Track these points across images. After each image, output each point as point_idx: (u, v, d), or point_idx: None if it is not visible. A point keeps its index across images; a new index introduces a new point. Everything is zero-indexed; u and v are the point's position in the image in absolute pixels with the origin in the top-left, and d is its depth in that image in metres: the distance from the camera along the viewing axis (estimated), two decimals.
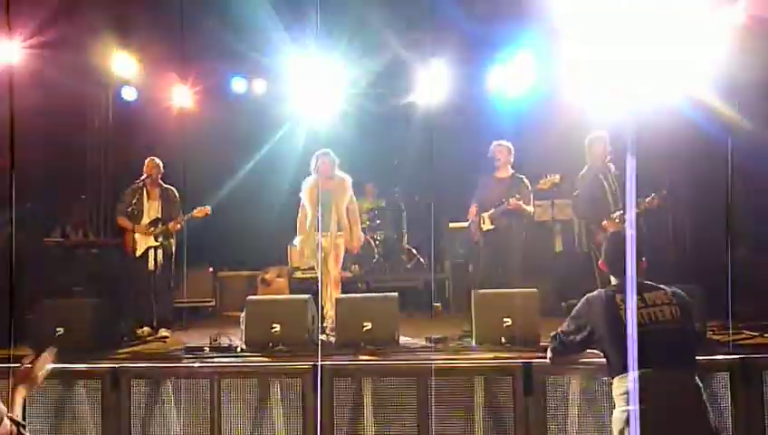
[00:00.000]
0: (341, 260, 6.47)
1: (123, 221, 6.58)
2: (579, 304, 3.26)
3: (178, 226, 6.60)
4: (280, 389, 4.40)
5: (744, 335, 5.03)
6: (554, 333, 3.36)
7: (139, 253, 6.51)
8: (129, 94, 8.49)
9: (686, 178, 7.20)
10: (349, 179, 6.47)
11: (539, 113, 7.77)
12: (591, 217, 6.11)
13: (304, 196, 6.46)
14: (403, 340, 5.53)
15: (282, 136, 8.44)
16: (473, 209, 6.57)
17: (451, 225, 7.97)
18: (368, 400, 4.32)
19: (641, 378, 2.87)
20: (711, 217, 6.47)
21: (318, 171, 6.37)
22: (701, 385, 2.97)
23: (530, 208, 6.44)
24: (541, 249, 7.65)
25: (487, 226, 6.46)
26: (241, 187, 8.51)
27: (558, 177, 6.39)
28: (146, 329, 6.40)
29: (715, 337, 5.03)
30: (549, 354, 3.40)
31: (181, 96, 8.81)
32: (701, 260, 6.76)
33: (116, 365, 4.56)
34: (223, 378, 4.46)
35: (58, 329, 5.56)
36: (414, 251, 8.93)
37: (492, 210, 6.40)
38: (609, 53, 6.51)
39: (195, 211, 6.58)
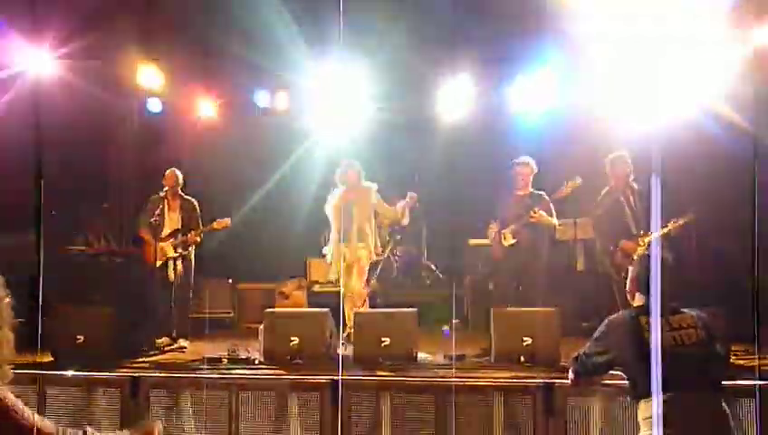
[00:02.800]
0: (365, 273, 6.44)
1: (145, 232, 6.64)
2: (601, 326, 3.21)
3: (197, 237, 6.65)
4: (298, 403, 4.40)
5: None
6: (576, 354, 3.31)
7: (159, 263, 6.57)
8: (154, 106, 8.58)
9: (710, 197, 7.12)
10: (373, 188, 6.51)
11: (559, 130, 7.74)
12: (611, 237, 6.05)
13: (329, 208, 6.46)
14: (421, 356, 5.51)
15: (303, 150, 8.47)
16: (493, 226, 6.54)
17: (471, 241, 7.94)
18: (386, 416, 4.29)
19: (667, 402, 2.83)
20: (736, 237, 6.39)
21: (344, 182, 6.38)
22: (728, 411, 2.91)
23: (553, 220, 6.38)
24: (562, 268, 7.59)
25: (509, 241, 6.43)
26: (262, 200, 8.55)
27: (579, 180, 6.32)
28: (165, 339, 6.44)
29: (739, 361, 4.95)
30: (570, 376, 3.35)
31: (205, 108, 8.90)
32: (726, 282, 6.66)
33: (136, 374, 4.57)
34: (241, 390, 4.47)
35: (78, 336, 5.63)
36: (433, 267, 8.90)
37: (513, 226, 6.37)
38: (630, 69, 6.51)
39: (214, 223, 6.63)
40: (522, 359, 5.11)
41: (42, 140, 6.63)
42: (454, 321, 7.71)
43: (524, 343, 5.15)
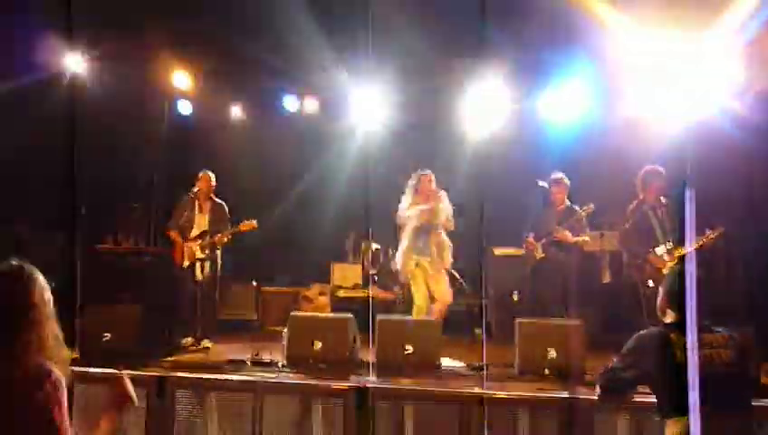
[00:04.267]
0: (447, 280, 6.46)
1: (173, 233, 6.72)
2: (630, 341, 3.17)
3: (225, 239, 6.70)
4: (321, 408, 4.41)
5: None
6: (603, 369, 3.28)
7: (186, 264, 6.64)
8: (185, 108, 8.70)
9: (741, 211, 7.01)
10: (445, 195, 6.48)
11: (589, 141, 7.69)
12: (638, 250, 6.00)
13: (403, 215, 6.47)
14: (444, 363, 5.50)
15: (331, 155, 8.52)
16: (530, 239, 6.57)
17: (496, 251, 7.91)
18: (409, 425, 4.28)
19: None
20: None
21: (418, 192, 6.40)
22: (756, 431, 2.87)
23: (579, 239, 6.41)
24: (589, 280, 7.53)
25: (539, 254, 6.48)
26: (289, 204, 8.60)
27: (592, 206, 6.39)
28: (189, 339, 6.51)
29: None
30: (597, 391, 3.32)
31: (235, 112, 9.00)
32: (758, 299, 6.56)
33: (163, 374, 4.62)
34: (266, 393, 4.48)
35: (105, 334, 5.70)
36: (457, 275, 8.86)
37: (543, 240, 6.43)
38: (659, 78, 6.46)
39: (241, 225, 6.67)
40: (546, 371, 5.07)
41: (75, 141, 6.74)
42: (476, 331, 7.72)
43: (549, 356, 5.11)
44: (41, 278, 2.21)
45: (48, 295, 2.20)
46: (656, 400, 3.07)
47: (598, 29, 7.07)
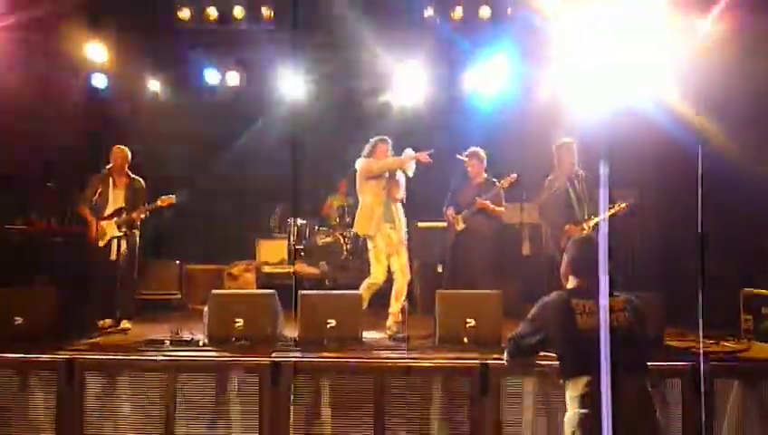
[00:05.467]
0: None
1: (84, 210, 6.47)
2: (535, 308, 3.27)
3: (142, 215, 6.51)
4: (237, 384, 4.38)
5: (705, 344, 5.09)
6: (510, 335, 3.37)
7: (102, 243, 6.42)
8: (99, 82, 8.36)
9: (654, 183, 7.29)
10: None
11: (511, 115, 7.84)
12: (557, 221, 6.16)
13: (362, 180, 6.33)
14: (367, 338, 5.54)
15: (253, 130, 8.38)
16: (450, 211, 6.64)
17: (420, 224, 7.98)
18: (325, 398, 4.31)
19: (592, 382, 2.91)
20: (680, 223, 6.57)
21: (378, 158, 6.30)
22: (651, 391, 3.00)
23: (499, 209, 6.53)
24: (509, 252, 7.71)
25: (460, 226, 6.56)
26: (211, 180, 8.44)
27: (515, 176, 6.47)
28: (107, 320, 6.32)
29: (674, 343, 5.12)
30: (505, 356, 3.41)
31: (153, 86, 8.72)
32: (669, 266, 6.85)
33: (71, 356, 4.47)
34: (180, 372, 4.41)
35: (16, 318, 5.48)
36: None
37: (465, 211, 6.51)
38: (581, 57, 6.61)
39: (159, 201, 6.49)
40: (465, 340, 5.18)
41: None
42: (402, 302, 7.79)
43: (468, 325, 5.22)
44: None
45: None
46: (558, 362, 3.18)
47: (522, 3, 7.20)
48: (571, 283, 3.31)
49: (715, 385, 4.23)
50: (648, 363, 3.18)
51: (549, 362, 3.40)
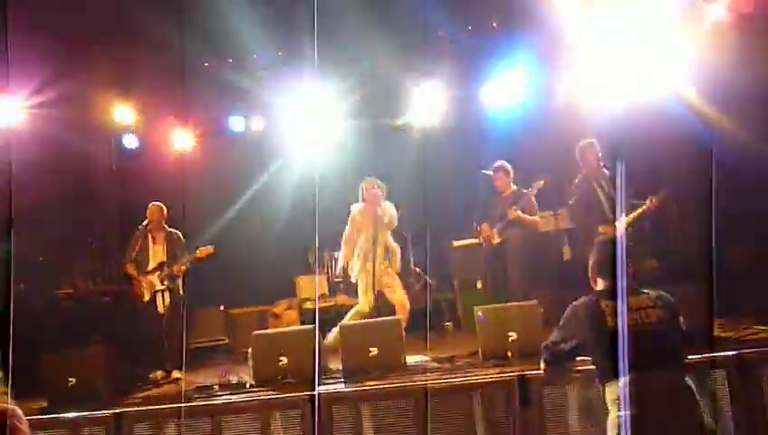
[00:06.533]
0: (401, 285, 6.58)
1: (130, 268, 6.69)
2: (565, 314, 3.26)
3: (183, 268, 6.67)
4: (281, 421, 4.41)
5: (751, 331, 4.96)
6: (544, 343, 3.36)
7: (147, 298, 6.61)
8: (130, 142, 8.65)
9: (684, 177, 7.15)
10: (394, 209, 6.62)
11: (533, 123, 7.80)
12: (588, 223, 6.10)
13: (354, 223, 6.56)
14: (412, 361, 5.54)
15: (278, 170, 8.53)
16: (485, 226, 6.64)
17: (455, 243, 7.97)
18: (368, 425, 4.31)
19: (631, 383, 2.87)
20: (709, 216, 6.43)
21: (366, 200, 6.51)
22: (692, 386, 2.94)
23: (533, 218, 6.52)
24: (549, 259, 7.62)
25: (496, 240, 6.56)
26: (243, 224, 8.60)
27: (542, 181, 6.45)
28: (159, 373, 6.46)
29: (723, 334, 4.98)
30: (542, 366, 3.39)
31: (181, 139, 8.98)
32: (704, 259, 6.69)
33: (120, 410, 4.59)
34: (224, 414, 4.47)
35: (70, 379, 5.64)
36: (421, 272, 8.93)
37: (499, 225, 6.50)
38: (596, 56, 6.59)
39: (198, 252, 6.66)
40: (509, 354, 5.13)
41: (19, 190, 6.67)
42: (446, 323, 7.78)
43: (510, 339, 5.17)
44: None
45: None
46: (594, 366, 3.14)
47: (535, 13, 7.21)
48: (600, 285, 3.29)
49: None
50: (688, 357, 3.13)
51: (587, 367, 3.36)
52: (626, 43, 6.34)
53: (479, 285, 7.42)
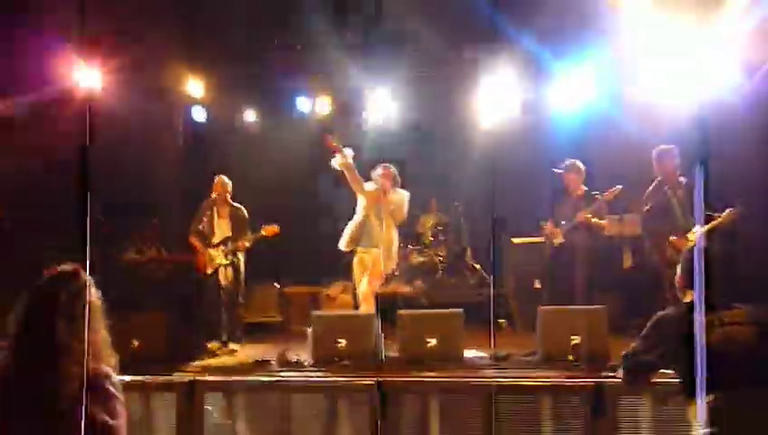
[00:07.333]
0: (383, 278, 6.44)
1: (195, 240, 6.79)
2: (650, 323, 3.18)
3: (247, 244, 6.76)
4: (347, 404, 4.46)
5: None
6: (626, 352, 3.28)
7: (210, 270, 6.72)
8: (199, 115, 8.78)
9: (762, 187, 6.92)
10: (407, 196, 6.42)
11: (602, 126, 7.64)
12: (660, 232, 5.96)
13: (364, 202, 6.36)
14: (467, 356, 5.52)
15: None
16: (549, 225, 6.57)
17: (514, 240, 7.89)
18: (434, 417, 4.32)
19: (717, 401, 2.79)
20: None
21: (378, 184, 6.33)
22: None
23: (602, 223, 6.42)
24: (610, 265, 7.49)
25: (558, 240, 6.47)
26: (306, 203, 8.66)
27: (619, 187, 6.33)
28: (216, 343, 6.58)
29: None
30: (621, 374, 3.32)
31: (248, 115, 9.08)
32: None
33: (191, 378, 4.69)
34: (292, 392, 4.54)
35: (133, 342, 5.78)
36: (477, 266, 8.89)
37: (563, 225, 6.43)
38: (670, 59, 6.40)
39: (262, 230, 6.72)
40: (570, 358, 5.07)
41: (93, 153, 6.83)
42: (500, 320, 7.72)
43: (572, 342, 5.10)
44: (92, 281, 2.22)
45: (99, 301, 2.22)
46: (679, 380, 3.07)
47: (606, 13, 7.05)
48: (689, 296, 3.20)
49: None
50: None
51: (668, 380, 3.29)
52: (698, 46, 6.13)
53: (537, 285, 7.33)
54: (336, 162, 6.22)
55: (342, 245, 6.43)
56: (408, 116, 8.66)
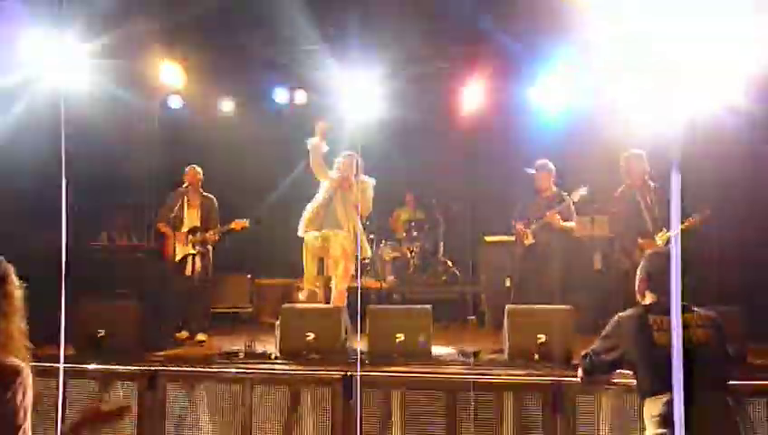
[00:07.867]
0: (351, 271, 6.39)
1: (164, 227, 6.75)
2: (609, 324, 3.22)
3: (216, 237, 6.72)
4: (311, 397, 4.46)
5: None
6: (585, 352, 3.32)
7: (178, 259, 6.67)
8: (174, 103, 8.70)
9: (731, 193, 7.03)
10: (372, 183, 6.39)
11: (578, 128, 7.71)
12: (628, 235, 6.03)
13: (326, 185, 6.34)
14: (435, 352, 5.54)
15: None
16: (520, 225, 6.60)
17: (487, 238, 7.94)
18: (397, 412, 4.34)
19: (670, 401, 2.83)
20: (760, 233, 6.33)
21: (340, 171, 6.30)
22: (734, 409, 2.91)
23: (569, 225, 6.46)
24: (580, 266, 7.56)
25: (529, 240, 6.51)
26: (280, 196, 8.63)
27: (585, 189, 6.36)
28: (183, 333, 6.55)
29: (757, 361, 4.91)
30: (579, 374, 3.36)
31: (225, 106, 9.00)
32: (748, 280, 6.59)
33: (153, 368, 4.66)
34: (255, 384, 4.53)
35: (99, 331, 5.72)
36: (449, 263, 8.92)
37: (534, 225, 6.46)
38: (648, 63, 6.45)
39: (232, 223, 6.70)
40: (536, 356, 5.10)
41: (66, 139, 6.72)
42: (470, 317, 7.78)
43: (539, 341, 5.14)
44: (12, 269, 2.16)
45: (19, 290, 2.15)
46: (635, 380, 3.11)
47: (585, 15, 7.09)
48: (648, 298, 3.24)
49: None
50: (730, 382, 3.09)
51: (625, 381, 3.34)
52: (685, 52, 6.19)
53: (507, 283, 7.37)
54: (310, 142, 6.18)
55: (301, 228, 6.34)
56: (387, 112, 8.64)
